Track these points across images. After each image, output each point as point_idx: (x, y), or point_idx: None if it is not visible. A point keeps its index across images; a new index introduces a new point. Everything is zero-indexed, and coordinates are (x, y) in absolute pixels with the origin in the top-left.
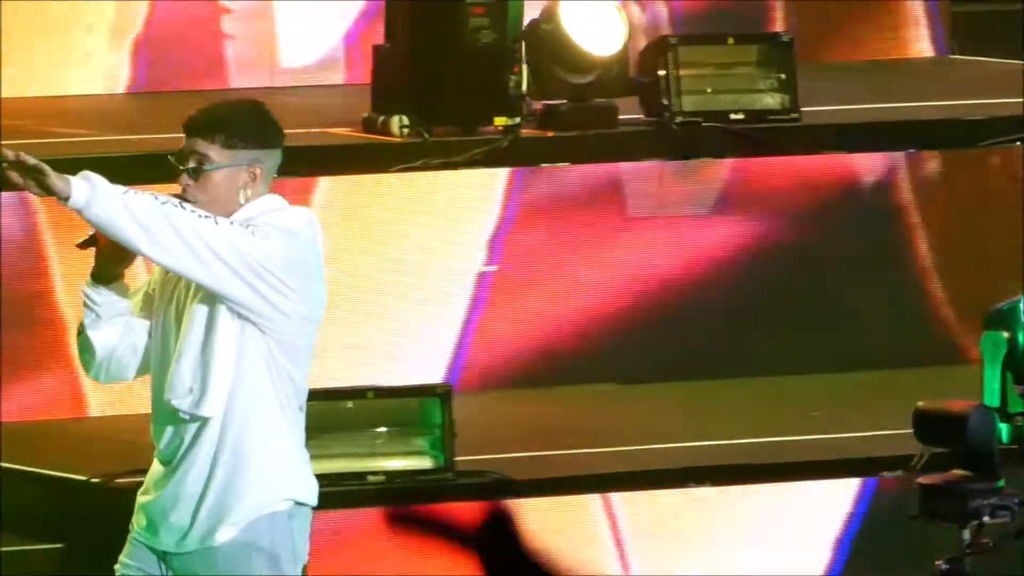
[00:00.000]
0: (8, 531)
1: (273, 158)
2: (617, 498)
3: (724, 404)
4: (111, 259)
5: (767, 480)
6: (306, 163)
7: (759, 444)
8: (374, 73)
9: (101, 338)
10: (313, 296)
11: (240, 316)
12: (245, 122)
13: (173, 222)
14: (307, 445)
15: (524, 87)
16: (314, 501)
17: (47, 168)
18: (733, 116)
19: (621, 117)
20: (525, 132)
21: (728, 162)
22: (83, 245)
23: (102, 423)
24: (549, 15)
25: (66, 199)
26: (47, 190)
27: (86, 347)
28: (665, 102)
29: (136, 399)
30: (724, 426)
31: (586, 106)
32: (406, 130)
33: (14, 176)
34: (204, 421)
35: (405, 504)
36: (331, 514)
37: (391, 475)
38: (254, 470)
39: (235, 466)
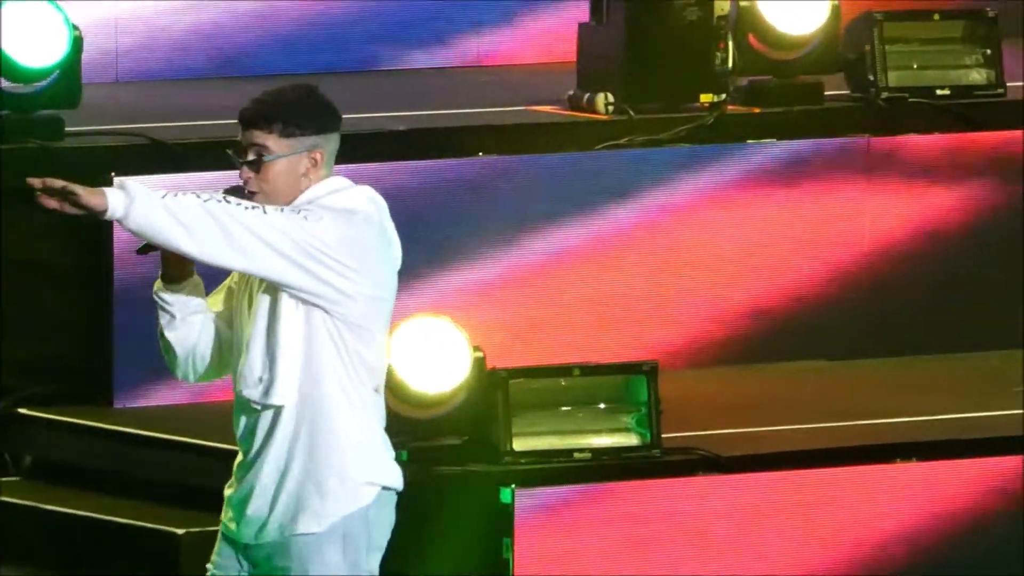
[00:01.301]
0: None
1: (332, 142)
2: (823, 474)
3: (932, 380)
4: (176, 258)
5: (973, 456)
6: (511, 141)
7: (964, 420)
8: (579, 51)
9: (179, 338)
10: (379, 275)
11: (305, 302)
12: (301, 109)
13: (218, 219)
14: (514, 422)
15: (730, 64)
16: (399, 485)
17: (77, 187)
18: (939, 91)
19: (827, 93)
20: (730, 109)
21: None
22: (143, 251)
23: None
24: None
25: (103, 212)
26: (82, 208)
27: (167, 348)
28: (871, 78)
29: None
30: (931, 401)
31: (792, 82)
32: (611, 108)
33: (49, 202)
34: (277, 410)
35: (611, 481)
36: (538, 491)
37: (597, 452)
38: (331, 458)
39: (311, 455)
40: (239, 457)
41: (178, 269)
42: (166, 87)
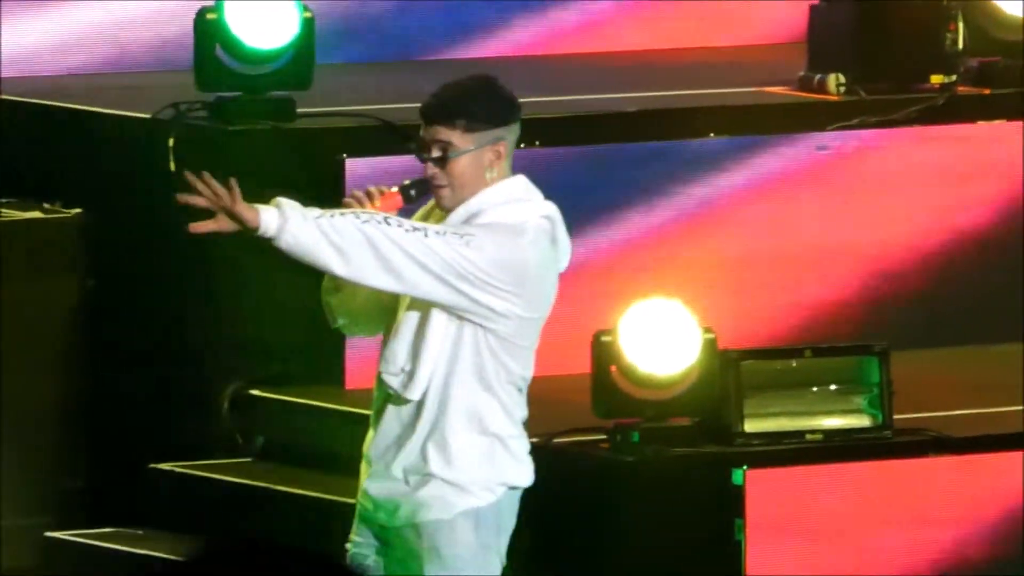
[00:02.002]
0: None
1: (514, 133)
2: None
3: None
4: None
5: None
6: (741, 122)
7: None
8: (809, 32)
9: (339, 302)
10: (536, 297)
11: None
12: (483, 102)
13: (373, 241)
14: (745, 404)
15: (960, 45)
16: (528, 483)
17: (237, 195)
18: None
19: None
20: (961, 90)
21: None
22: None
23: (539, 383)
24: None
25: (255, 229)
26: (235, 220)
27: (327, 307)
28: None
29: (576, 360)
30: None
31: (1021, 63)
32: (843, 88)
33: (199, 201)
34: (415, 402)
35: (843, 462)
36: (769, 472)
37: (829, 433)
38: (466, 456)
39: (446, 449)
40: (370, 434)
41: None
42: (397, 68)
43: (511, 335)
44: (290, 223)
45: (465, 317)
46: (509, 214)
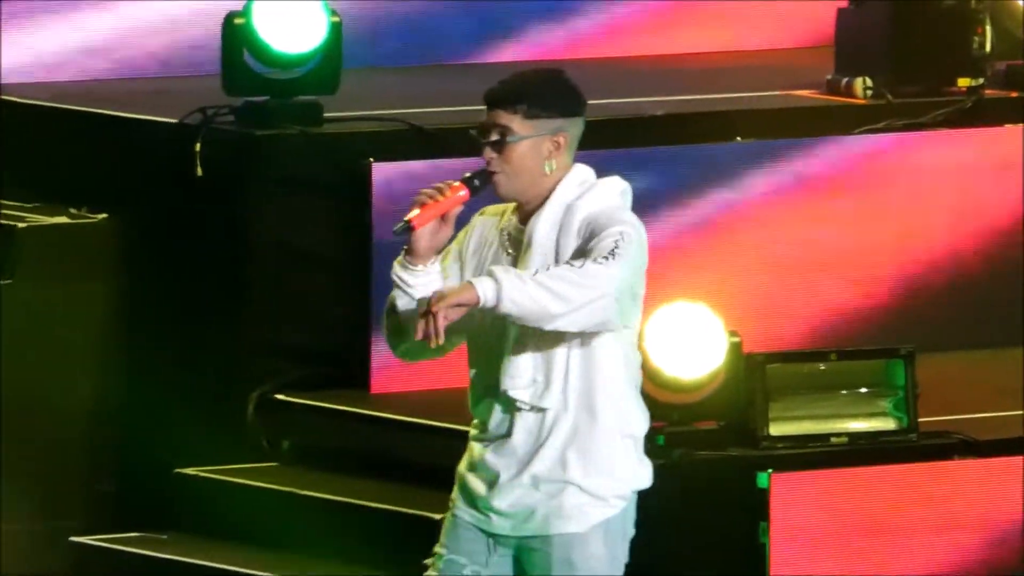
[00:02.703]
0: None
1: (577, 126)
2: None
3: None
4: (427, 237)
5: None
6: (769, 125)
7: None
8: (837, 35)
9: (412, 319)
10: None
11: None
12: (546, 91)
13: (584, 290)
14: (771, 407)
15: (988, 48)
16: (649, 483)
17: (447, 298)
18: None
19: None
20: (988, 93)
21: None
22: (400, 232)
23: None
24: None
25: (477, 303)
26: (460, 306)
27: (397, 329)
28: None
29: None
30: None
31: None
32: (870, 92)
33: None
34: (546, 412)
35: (868, 465)
36: (794, 475)
37: (854, 436)
38: (601, 464)
39: (580, 459)
40: (487, 447)
41: (426, 250)
42: (424, 72)
43: (634, 323)
44: (504, 288)
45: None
46: (624, 215)
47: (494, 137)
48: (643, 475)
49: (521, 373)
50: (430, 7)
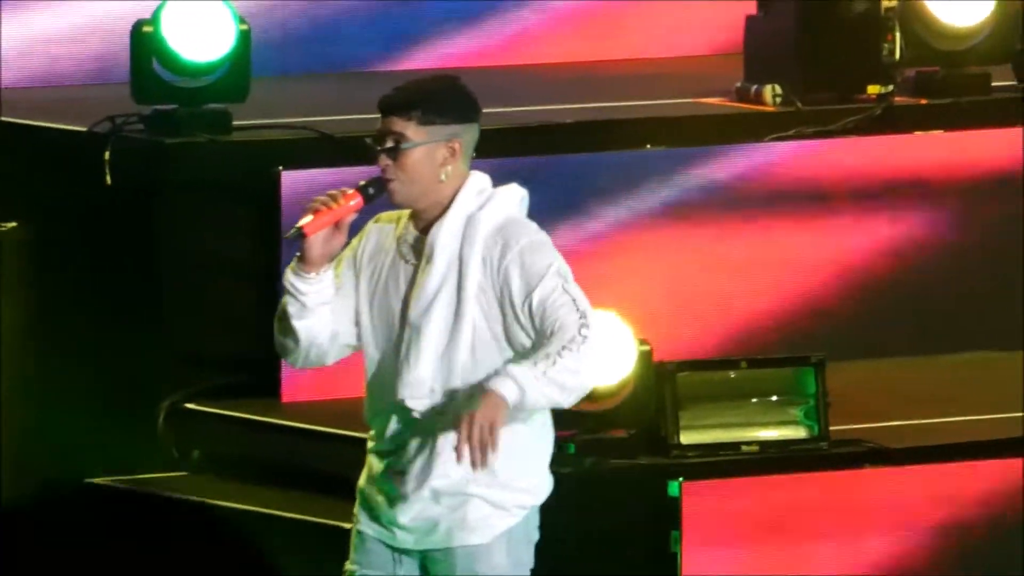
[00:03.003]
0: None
1: (471, 133)
2: (994, 465)
3: None
4: (320, 245)
5: None
6: (678, 133)
7: None
8: (746, 42)
9: (306, 327)
10: None
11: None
12: (440, 97)
13: (583, 359)
14: (681, 415)
15: (897, 55)
16: (550, 490)
17: (477, 421)
18: None
19: (995, 84)
20: (898, 100)
21: None
22: (292, 237)
23: None
24: None
25: (507, 407)
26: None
27: (288, 334)
28: None
29: None
30: None
31: (959, 73)
32: (779, 99)
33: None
34: (448, 422)
35: (779, 474)
36: (706, 484)
37: (765, 445)
38: (503, 473)
39: (471, 469)
40: (385, 459)
41: (319, 257)
42: (333, 80)
43: None
44: (528, 388)
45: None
46: (495, 212)
47: (388, 144)
48: (545, 484)
49: (419, 383)
50: (338, 16)
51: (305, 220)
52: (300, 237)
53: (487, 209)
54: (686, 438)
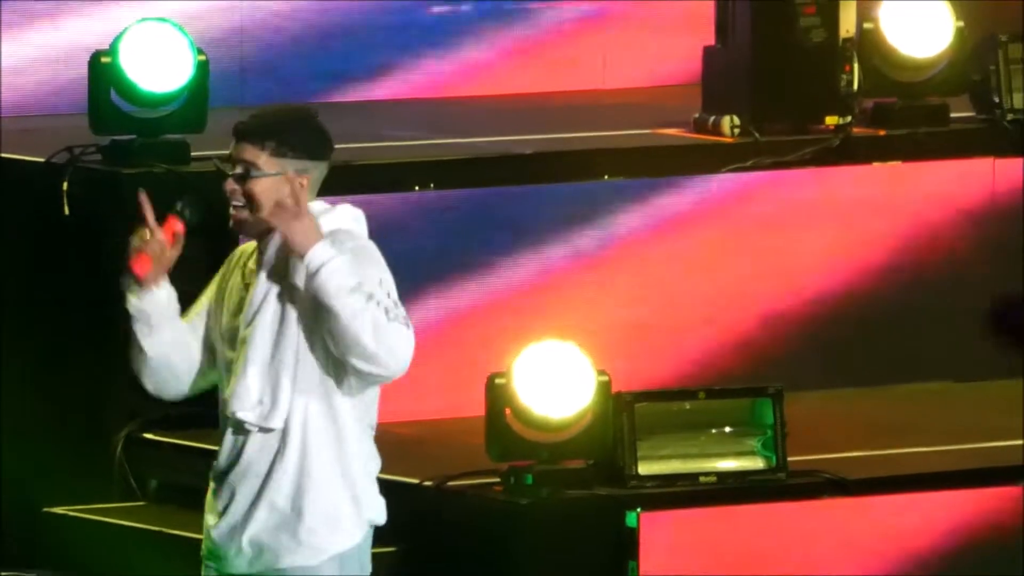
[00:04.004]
0: None
1: (321, 170)
2: (950, 496)
3: None
4: (156, 262)
5: None
6: (636, 164)
7: None
8: (704, 74)
9: (153, 346)
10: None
11: (307, 330)
12: (296, 131)
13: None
14: (640, 445)
15: (855, 86)
16: (383, 519)
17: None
18: None
19: (953, 115)
20: (856, 131)
21: None
22: (129, 287)
23: (433, 426)
24: (870, 16)
25: (303, 251)
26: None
27: (141, 360)
28: (996, 99)
29: (470, 402)
30: None
31: (917, 104)
32: (737, 130)
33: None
34: (274, 435)
35: (737, 504)
36: (664, 514)
37: (723, 475)
38: (332, 493)
39: (310, 487)
40: (220, 479)
41: (155, 275)
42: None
43: None
44: (339, 259)
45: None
46: (328, 223)
47: (238, 170)
48: (378, 508)
49: (246, 392)
50: (296, 46)
51: (133, 259)
52: (137, 282)
53: (320, 219)
54: (644, 468)
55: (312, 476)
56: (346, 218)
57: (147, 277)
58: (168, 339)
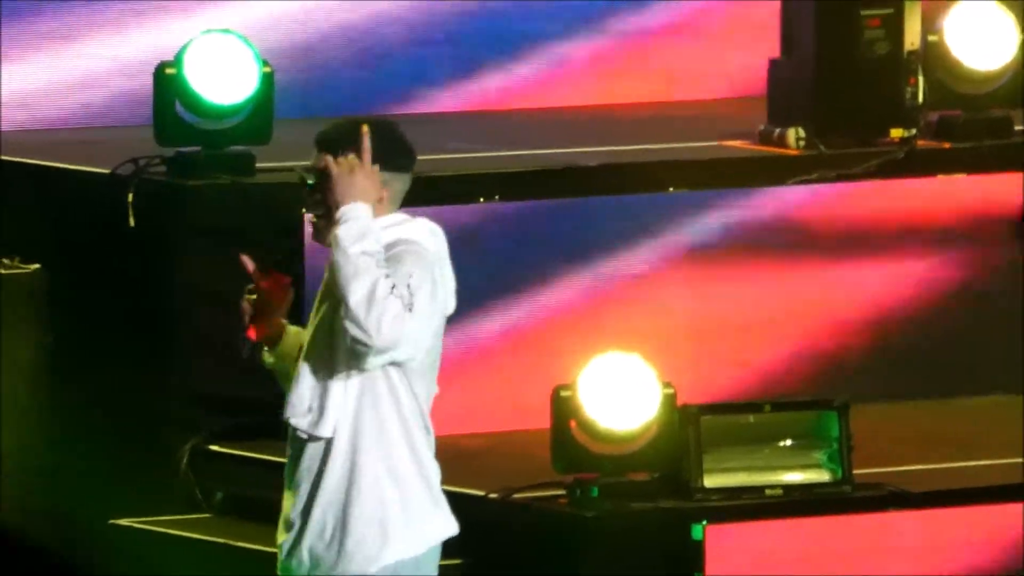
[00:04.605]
0: None
1: (401, 181)
2: (1016, 509)
3: None
4: (271, 326)
5: None
6: (701, 176)
7: None
8: (769, 86)
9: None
10: (438, 320)
11: None
12: (375, 141)
13: (375, 319)
14: (705, 458)
15: (920, 98)
16: (454, 531)
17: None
18: None
19: (1017, 127)
20: (921, 143)
21: None
22: (248, 353)
23: (499, 438)
24: (935, 29)
25: (335, 209)
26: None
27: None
28: None
29: (535, 414)
30: None
31: (981, 116)
32: (802, 142)
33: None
34: (328, 443)
35: (802, 517)
36: (729, 527)
37: (789, 488)
38: (389, 501)
39: (368, 495)
40: (285, 491)
41: (276, 332)
42: None
43: (419, 363)
44: (362, 221)
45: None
46: (399, 232)
47: (315, 180)
48: (437, 521)
49: (300, 400)
50: (357, 59)
51: (247, 326)
52: (254, 347)
53: (390, 230)
54: (709, 481)
55: (360, 486)
56: (421, 231)
57: (263, 339)
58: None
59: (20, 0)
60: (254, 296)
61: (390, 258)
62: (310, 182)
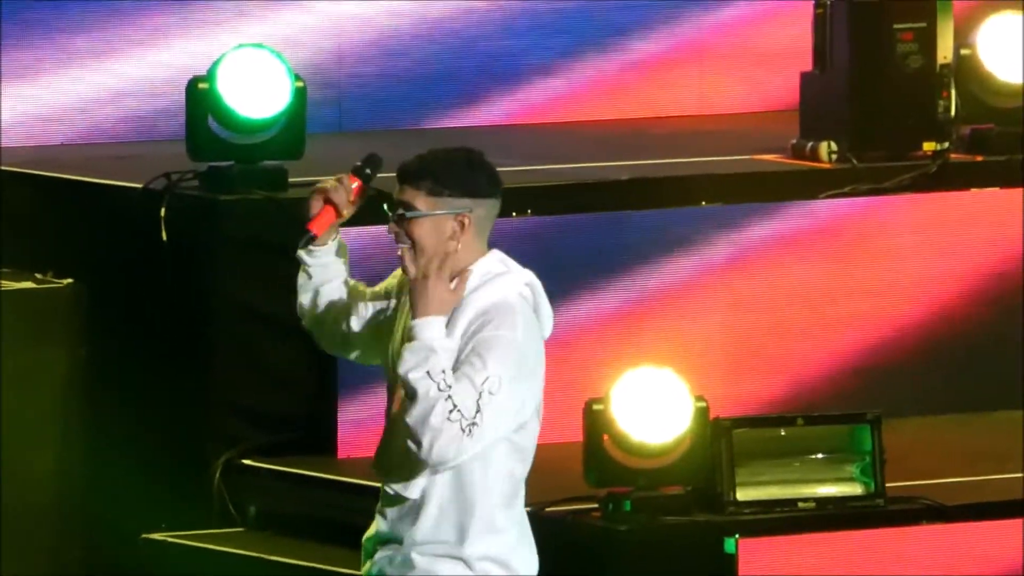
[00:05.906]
0: None
1: (485, 208)
2: None
3: None
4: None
5: None
6: (733, 190)
7: None
8: (802, 99)
9: (308, 301)
10: (538, 375)
11: None
12: (452, 170)
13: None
14: (737, 472)
15: (952, 112)
16: (534, 573)
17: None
18: None
19: None
20: (953, 157)
21: None
22: (305, 245)
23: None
24: (967, 42)
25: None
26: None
27: (302, 311)
28: None
29: (568, 428)
30: None
31: (1014, 130)
32: (834, 156)
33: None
34: (410, 502)
35: (836, 530)
36: (762, 540)
37: (822, 502)
38: (481, 543)
39: (459, 537)
40: (375, 522)
41: (327, 235)
42: (388, 137)
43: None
44: (435, 329)
45: None
46: (491, 294)
47: (398, 212)
48: (527, 564)
49: (391, 458)
50: (390, 73)
51: (312, 217)
52: (312, 240)
53: (482, 291)
54: (742, 495)
55: (462, 529)
56: (513, 290)
57: (322, 234)
58: (325, 304)
59: (55, 19)
60: (332, 192)
61: (476, 345)
62: (396, 213)
